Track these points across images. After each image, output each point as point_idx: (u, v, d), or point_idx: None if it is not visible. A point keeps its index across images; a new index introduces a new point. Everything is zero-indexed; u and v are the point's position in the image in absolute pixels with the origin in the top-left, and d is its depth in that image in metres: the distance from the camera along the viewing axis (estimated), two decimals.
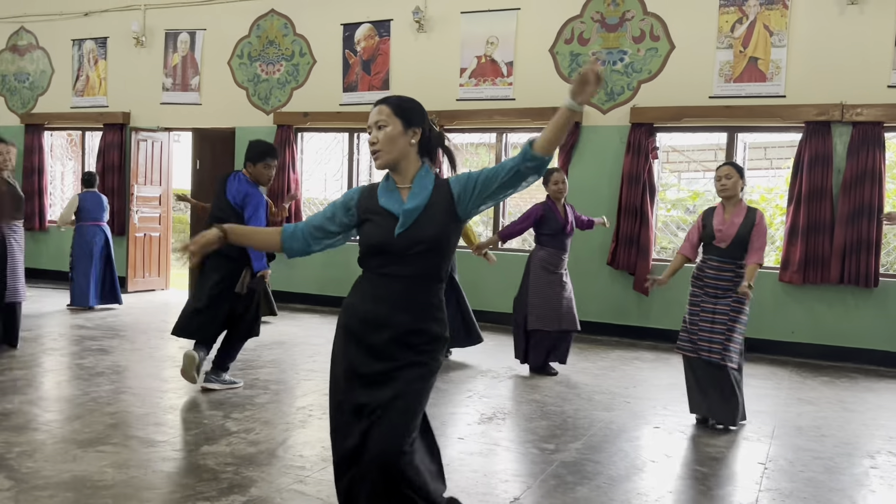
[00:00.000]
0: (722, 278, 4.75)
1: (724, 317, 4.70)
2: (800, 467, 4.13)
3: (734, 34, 7.42)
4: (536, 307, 6.01)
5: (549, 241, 6.08)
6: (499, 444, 4.34)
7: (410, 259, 2.47)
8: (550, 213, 6.07)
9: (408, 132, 2.51)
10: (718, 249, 4.77)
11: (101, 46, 10.65)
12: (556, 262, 6.08)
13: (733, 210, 4.79)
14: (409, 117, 2.52)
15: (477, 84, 8.52)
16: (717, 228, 4.78)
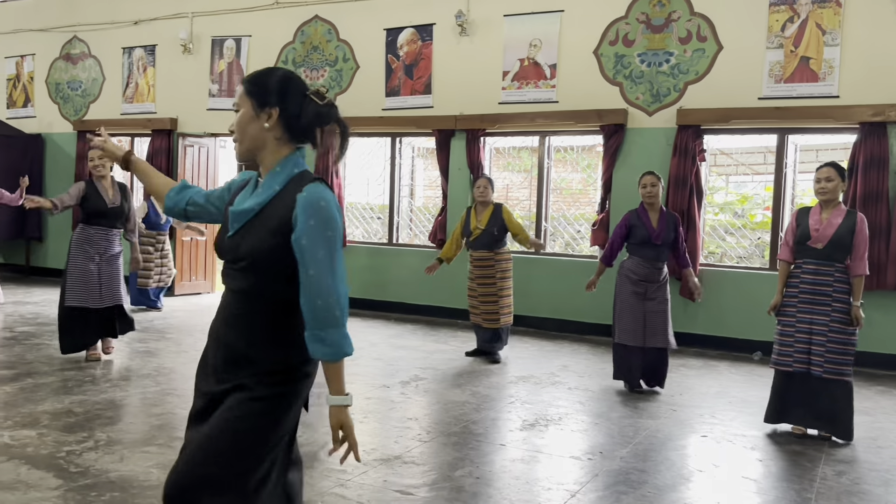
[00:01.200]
0: (819, 283, 4.52)
1: (824, 328, 4.49)
2: (854, 479, 3.98)
3: (785, 33, 7.23)
4: (620, 320, 5.68)
5: (635, 250, 5.71)
6: (541, 451, 4.27)
7: (238, 272, 2.05)
8: (637, 221, 5.67)
9: (260, 115, 2.05)
10: (814, 251, 4.55)
11: (149, 54, 10.87)
12: (642, 272, 5.62)
13: (832, 212, 4.58)
14: (262, 95, 2.05)
15: (520, 87, 8.46)
16: (813, 227, 4.56)
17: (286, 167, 2.06)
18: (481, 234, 6.63)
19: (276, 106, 2.05)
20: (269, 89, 2.06)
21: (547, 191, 8.71)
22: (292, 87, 2.09)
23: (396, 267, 9.23)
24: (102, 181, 5.97)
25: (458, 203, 8.84)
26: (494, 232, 6.62)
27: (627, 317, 5.62)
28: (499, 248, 6.70)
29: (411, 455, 4.06)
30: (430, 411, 5.08)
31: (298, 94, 2.08)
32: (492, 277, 6.64)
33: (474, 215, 6.74)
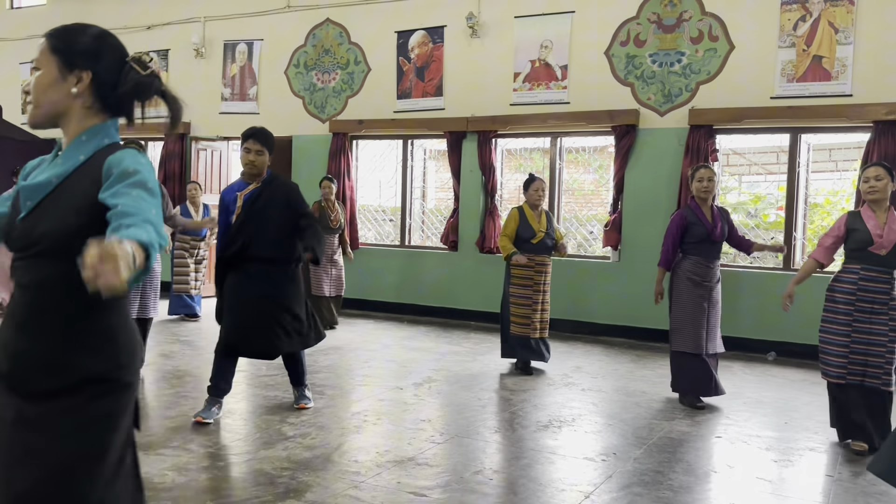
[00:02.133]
0: (880, 290, 4.32)
1: (883, 337, 4.31)
2: (871, 479, 3.94)
3: (797, 32, 7.20)
4: (682, 326, 5.30)
5: (693, 249, 5.34)
6: (555, 452, 4.26)
7: (32, 261, 1.69)
8: (693, 217, 5.34)
9: (68, 78, 1.74)
10: (876, 258, 4.31)
11: (162, 58, 10.94)
12: (703, 272, 5.30)
13: (885, 214, 4.38)
14: (71, 55, 1.74)
15: (531, 88, 8.46)
16: (875, 233, 4.31)
17: (94, 136, 1.75)
18: (543, 237, 6.26)
19: (88, 69, 1.75)
20: (79, 49, 1.75)
21: (559, 192, 8.70)
22: (108, 48, 1.79)
23: (409, 269, 9.25)
24: None
25: (470, 205, 8.84)
26: (552, 235, 6.35)
27: (691, 323, 5.26)
28: (551, 254, 6.42)
29: (425, 457, 4.07)
30: (443, 413, 5.09)
31: (116, 59, 1.78)
32: (547, 284, 6.36)
33: (532, 218, 6.30)
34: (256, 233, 4.50)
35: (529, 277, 6.24)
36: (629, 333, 7.97)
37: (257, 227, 4.51)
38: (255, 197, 4.58)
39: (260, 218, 4.52)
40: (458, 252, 8.94)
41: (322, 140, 9.67)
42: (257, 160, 4.57)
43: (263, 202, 4.56)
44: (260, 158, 4.58)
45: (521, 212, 6.33)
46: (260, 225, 4.51)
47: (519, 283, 6.27)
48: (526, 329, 6.23)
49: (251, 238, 4.50)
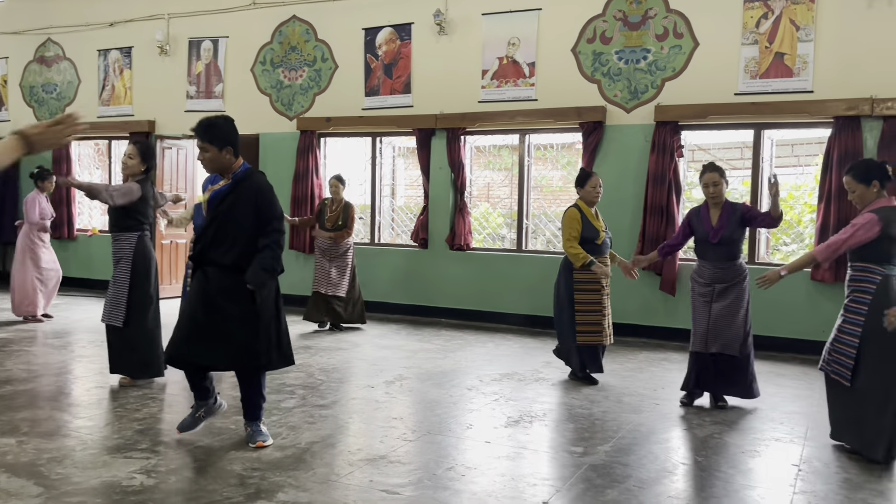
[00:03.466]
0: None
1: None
2: (835, 469, 4.04)
3: (759, 29, 7.31)
4: (694, 326, 5.27)
5: (698, 251, 5.33)
6: (526, 447, 4.29)
7: None
8: (696, 219, 5.27)
9: None
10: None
11: (126, 56, 10.78)
12: (705, 273, 5.20)
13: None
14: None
15: (499, 85, 8.48)
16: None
17: None
18: (605, 236, 5.89)
19: None
20: None
21: (528, 189, 8.74)
22: None
23: (379, 267, 9.22)
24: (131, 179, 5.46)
25: (439, 202, 8.85)
26: (610, 233, 6.04)
27: (694, 323, 5.25)
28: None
29: (396, 454, 4.07)
30: (414, 410, 5.09)
31: None
32: (608, 287, 5.94)
33: (591, 217, 5.84)
34: (218, 235, 4.02)
35: (598, 281, 5.76)
36: None
37: (220, 230, 4.03)
38: (222, 195, 4.09)
39: (225, 219, 4.03)
40: (428, 249, 8.94)
41: (289, 138, 9.60)
42: (205, 158, 4.03)
43: (230, 202, 4.04)
44: (208, 156, 4.01)
45: (581, 211, 5.82)
46: (223, 227, 4.02)
47: (585, 289, 5.76)
48: (595, 338, 5.80)
49: (212, 240, 4.03)
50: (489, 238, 10.04)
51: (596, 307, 5.78)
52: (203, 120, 4.05)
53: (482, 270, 8.69)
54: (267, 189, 4.13)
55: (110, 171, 11.26)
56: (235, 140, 4.07)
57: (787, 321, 7.20)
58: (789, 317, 7.17)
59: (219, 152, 4.00)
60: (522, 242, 8.75)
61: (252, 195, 4.05)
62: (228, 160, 4.07)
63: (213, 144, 3.98)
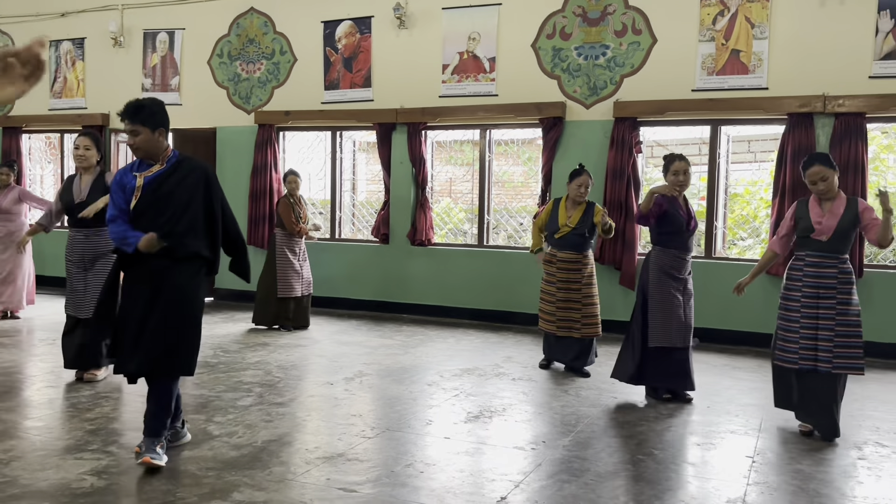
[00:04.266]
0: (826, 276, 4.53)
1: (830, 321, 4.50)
2: (787, 460, 4.11)
3: (716, 27, 7.40)
4: (659, 320, 5.12)
5: (670, 241, 5.16)
6: (485, 442, 4.29)
7: None
8: (673, 208, 5.14)
9: None
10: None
11: (78, 47, 10.52)
12: (678, 265, 5.18)
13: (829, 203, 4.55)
14: None
15: (460, 80, 8.47)
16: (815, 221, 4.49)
17: None
18: (569, 233, 5.95)
19: None
20: None
21: (489, 184, 8.75)
22: None
23: (339, 262, 9.15)
24: (84, 174, 5.42)
25: (401, 197, 8.80)
26: (585, 233, 5.99)
27: (665, 316, 5.11)
28: (586, 251, 6.07)
29: (355, 452, 4.04)
30: (374, 407, 5.06)
31: None
32: (577, 283, 5.98)
33: (563, 211, 6.00)
34: (160, 223, 3.68)
35: (552, 273, 6.06)
36: None
37: (161, 216, 3.69)
38: (160, 179, 3.72)
39: (165, 205, 3.69)
40: (389, 245, 8.90)
41: (247, 132, 9.47)
42: (136, 142, 3.69)
43: (171, 186, 3.71)
44: (140, 139, 3.68)
45: (555, 203, 6.10)
46: (164, 213, 3.69)
47: (546, 279, 6.11)
48: (549, 326, 6.05)
49: (154, 227, 3.67)
50: (451, 233, 10.03)
51: (550, 298, 6.07)
52: (131, 102, 3.77)
53: (444, 266, 8.68)
54: (214, 177, 3.90)
55: (62, 165, 10.98)
56: (167, 122, 3.80)
57: (742, 315, 7.32)
58: (744, 310, 7.28)
59: (152, 134, 3.70)
60: (484, 238, 8.75)
61: (200, 179, 3.78)
62: (161, 143, 3.76)
63: (145, 126, 3.68)
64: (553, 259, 6.04)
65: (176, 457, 3.88)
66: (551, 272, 6.05)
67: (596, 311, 6.07)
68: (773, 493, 3.61)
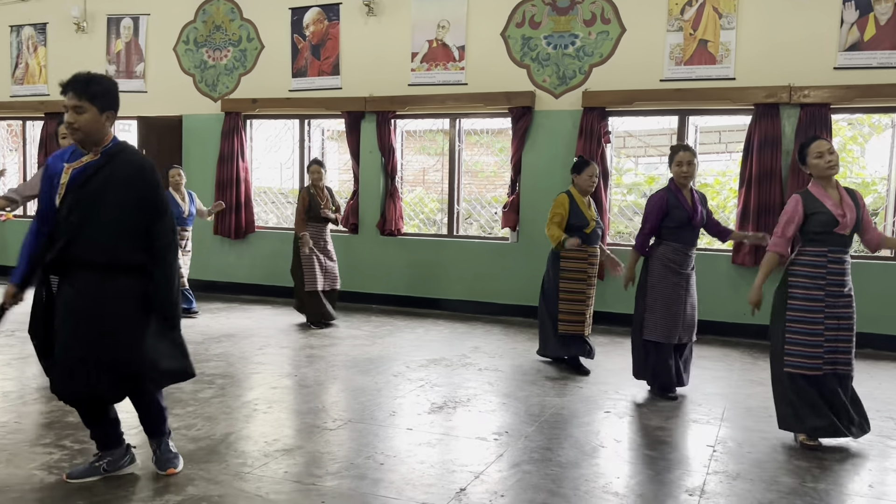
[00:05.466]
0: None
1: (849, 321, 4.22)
2: (748, 448, 4.13)
3: (684, 17, 7.40)
4: (656, 314, 5.04)
5: (672, 235, 5.04)
6: (448, 433, 4.26)
7: None
8: (675, 201, 5.01)
9: None
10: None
11: (40, 32, 10.28)
12: (681, 260, 5.03)
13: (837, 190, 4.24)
14: None
15: (429, 69, 8.39)
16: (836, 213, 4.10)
17: None
18: (596, 226, 5.75)
19: None
20: None
21: (459, 173, 8.70)
22: None
23: None
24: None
25: (370, 187, 8.73)
26: (602, 224, 5.94)
27: (667, 312, 5.01)
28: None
29: (314, 444, 3.99)
30: (337, 398, 5.00)
31: None
32: (595, 277, 5.85)
33: (582, 205, 5.72)
34: (85, 226, 3.16)
35: (583, 270, 5.71)
36: (528, 313, 8.07)
37: (87, 219, 3.16)
38: (87, 174, 3.19)
39: (92, 205, 3.16)
40: (358, 235, 8.82)
41: (214, 119, 9.32)
42: (78, 121, 3.16)
43: (98, 184, 3.17)
44: (84, 118, 3.16)
45: (571, 197, 5.73)
46: (91, 216, 3.16)
47: (571, 277, 5.71)
48: (575, 327, 5.74)
49: (78, 232, 3.15)
50: (424, 223, 9.97)
51: (580, 296, 5.71)
52: (81, 73, 3.22)
53: (413, 256, 8.62)
54: (148, 166, 3.30)
55: (24, 153, 10.75)
56: (117, 107, 3.29)
57: (708, 304, 7.35)
58: (710, 300, 7.32)
59: (99, 115, 3.18)
60: (454, 228, 8.71)
61: (133, 174, 3.23)
62: (105, 130, 3.24)
63: (94, 104, 3.16)
64: (584, 255, 5.70)
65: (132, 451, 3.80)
66: (582, 269, 5.71)
67: None
68: (732, 482, 3.62)
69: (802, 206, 4.16)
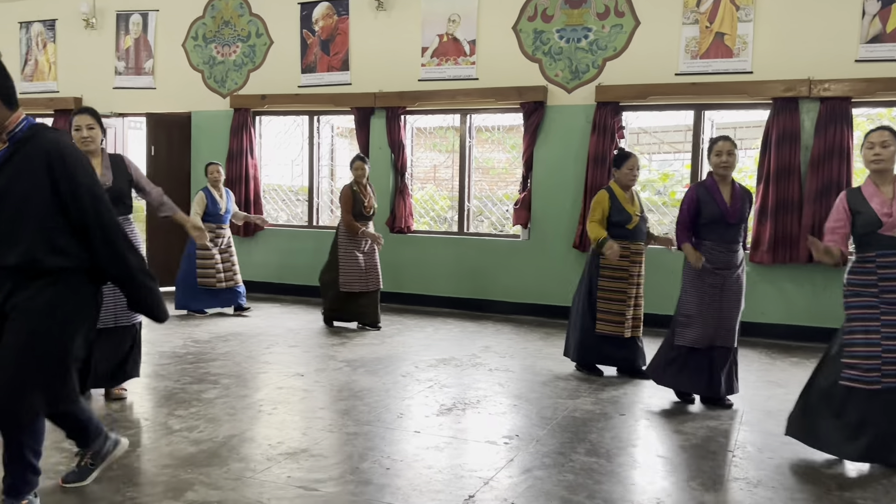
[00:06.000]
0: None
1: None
2: (769, 454, 3.98)
3: (700, 9, 7.23)
4: (687, 317, 4.74)
5: (706, 232, 4.71)
6: (456, 436, 4.13)
7: None
8: (706, 196, 4.69)
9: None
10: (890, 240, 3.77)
11: (49, 29, 10.22)
12: (716, 258, 4.68)
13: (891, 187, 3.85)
14: None
15: (439, 63, 8.26)
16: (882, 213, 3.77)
17: None
18: (639, 221, 5.45)
19: None
20: None
21: (469, 170, 8.57)
22: None
23: (317, 251, 8.94)
24: (92, 158, 4.33)
25: (380, 184, 8.60)
26: (647, 219, 5.60)
27: (698, 315, 4.70)
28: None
29: (319, 447, 3.87)
30: (344, 399, 4.88)
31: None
32: (641, 276, 5.53)
33: (625, 199, 5.43)
34: None
35: (625, 269, 5.39)
36: (539, 311, 7.94)
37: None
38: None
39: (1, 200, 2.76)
40: None
41: (223, 116, 9.23)
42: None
43: (9, 175, 2.76)
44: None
45: (611, 193, 5.45)
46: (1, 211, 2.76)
47: (610, 276, 5.42)
48: (616, 328, 5.41)
49: None
50: (434, 221, 9.85)
51: (621, 296, 5.40)
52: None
53: (423, 253, 8.50)
54: (68, 149, 2.82)
55: None
56: (9, 88, 2.79)
57: None
58: None
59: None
60: (465, 225, 8.58)
61: (43, 164, 2.76)
62: (3, 113, 2.77)
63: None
64: (627, 253, 5.39)
65: (131, 453, 3.70)
66: (624, 267, 5.38)
67: None
68: (753, 490, 3.48)
69: (847, 203, 3.89)
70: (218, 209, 7.61)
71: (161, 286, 3.17)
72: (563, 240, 7.81)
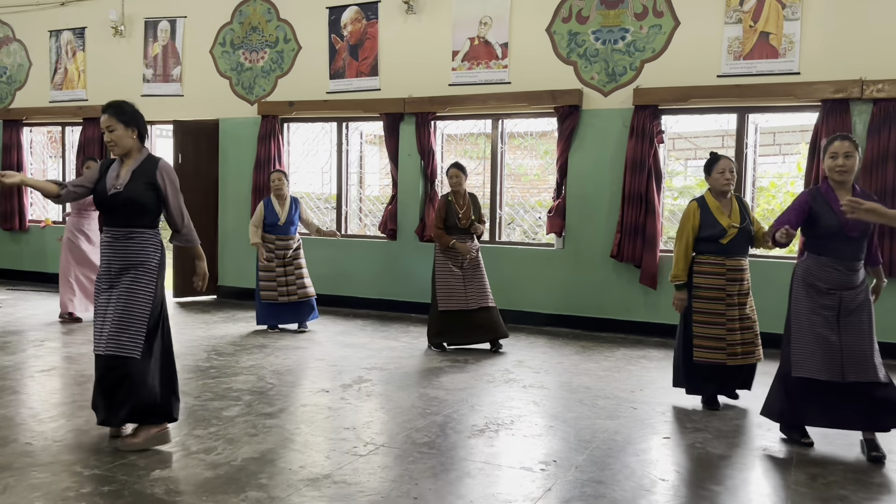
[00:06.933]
0: None
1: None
2: (830, 482, 3.65)
3: (743, 8, 6.91)
4: (799, 345, 4.12)
5: (818, 246, 4.10)
6: (489, 461, 3.87)
7: None
8: (823, 205, 4.05)
9: None
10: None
11: (78, 37, 10.20)
12: (829, 277, 4.05)
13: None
14: None
15: (470, 68, 8.03)
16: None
17: None
18: (738, 233, 4.78)
19: None
20: None
21: (501, 176, 8.31)
22: None
23: (345, 260, 8.77)
24: (126, 160, 4.01)
25: (409, 191, 8.40)
26: (751, 230, 4.86)
27: (810, 340, 4.08)
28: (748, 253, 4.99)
29: (343, 473, 3.63)
30: (371, 419, 4.65)
31: None
32: (747, 294, 4.90)
33: (718, 209, 4.82)
34: None
35: (720, 288, 4.78)
36: (574, 323, 7.66)
37: None
38: None
39: None
40: (396, 241, 8.50)
41: (251, 123, 9.10)
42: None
43: None
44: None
45: (702, 205, 4.84)
46: None
47: (704, 296, 4.81)
48: (717, 354, 4.81)
49: None
50: None
51: (720, 317, 4.79)
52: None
53: None
54: None
55: (64, 159, 10.69)
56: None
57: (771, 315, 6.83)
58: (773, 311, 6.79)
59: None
60: (496, 233, 8.32)
61: None
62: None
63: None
64: (721, 269, 4.79)
65: (144, 477, 3.50)
66: (720, 286, 4.78)
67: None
68: None
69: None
70: (276, 220, 7.21)
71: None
72: (600, 249, 7.52)
